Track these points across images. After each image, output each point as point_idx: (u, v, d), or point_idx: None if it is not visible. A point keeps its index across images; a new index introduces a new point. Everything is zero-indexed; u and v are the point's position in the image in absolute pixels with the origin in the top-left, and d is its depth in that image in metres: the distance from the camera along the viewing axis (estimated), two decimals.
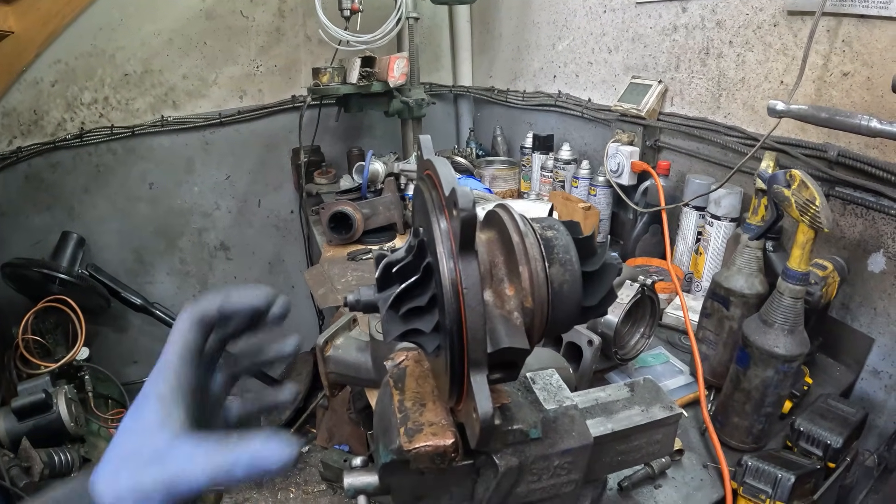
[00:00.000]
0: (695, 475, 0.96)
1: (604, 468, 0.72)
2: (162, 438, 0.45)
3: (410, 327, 0.47)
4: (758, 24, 1.40)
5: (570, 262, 0.48)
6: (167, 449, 0.45)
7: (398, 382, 0.62)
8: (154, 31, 2.39)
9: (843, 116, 1.09)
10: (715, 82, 1.56)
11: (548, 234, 0.49)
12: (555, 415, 0.63)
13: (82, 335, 2.25)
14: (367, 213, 1.89)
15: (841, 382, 1.24)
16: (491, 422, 0.43)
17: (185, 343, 0.50)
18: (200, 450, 0.45)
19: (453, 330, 0.42)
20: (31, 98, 2.30)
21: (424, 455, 0.54)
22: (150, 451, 0.45)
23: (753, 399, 0.95)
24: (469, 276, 0.41)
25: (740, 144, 1.46)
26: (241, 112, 2.66)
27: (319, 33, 2.21)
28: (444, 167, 0.44)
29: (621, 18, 1.88)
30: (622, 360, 1.16)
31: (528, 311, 0.47)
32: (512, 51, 2.58)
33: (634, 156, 1.73)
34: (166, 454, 0.45)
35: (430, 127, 2.93)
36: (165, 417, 0.46)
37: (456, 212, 0.39)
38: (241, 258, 2.92)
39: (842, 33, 1.21)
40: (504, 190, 2.28)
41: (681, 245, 1.59)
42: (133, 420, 0.47)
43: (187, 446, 0.45)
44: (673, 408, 0.72)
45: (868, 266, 1.22)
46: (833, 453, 0.94)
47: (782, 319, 0.90)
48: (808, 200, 0.85)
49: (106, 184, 2.53)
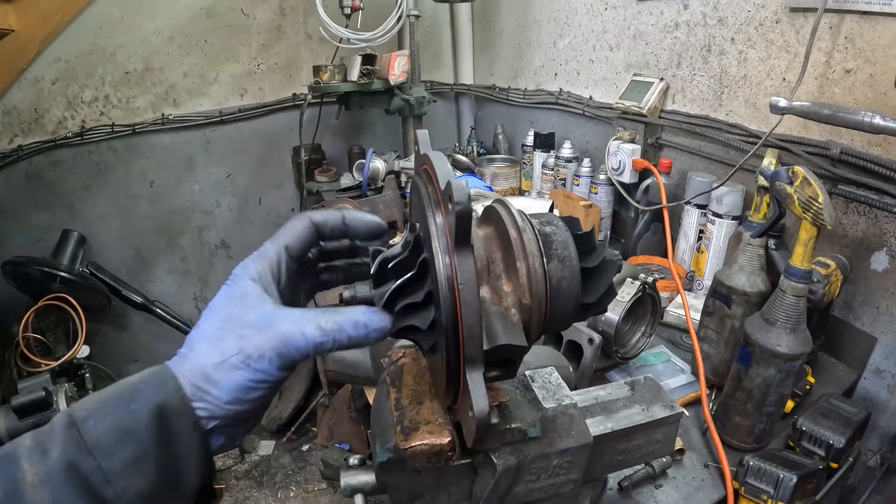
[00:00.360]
0: (696, 475, 0.95)
1: (603, 468, 0.71)
2: (266, 307, 0.46)
3: (406, 324, 0.46)
4: (760, 20, 1.39)
5: (569, 259, 0.47)
6: (274, 314, 0.46)
7: (395, 380, 0.62)
8: (154, 29, 2.38)
9: (845, 113, 1.08)
10: (717, 80, 1.55)
11: (546, 229, 0.48)
12: (554, 413, 0.62)
13: (83, 333, 2.24)
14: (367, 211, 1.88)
15: (843, 382, 1.23)
16: (487, 420, 0.42)
17: (294, 239, 0.51)
18: (310, 314, 0.46)
19: (449, 326, 0.41)
20: (32, 96, 2.29)
21: (421, 454, 0.53)
22: (255, 317, 0.45)
23: (755, 398, 0.94)
24: (465, 271, 0.40)
25: (742, 142, 1.45)
26: (241, 110, 2.65)
27: (320, 31, 2.21)
28: (440, 162, 0.44)
29: (623, 16, 1.87)
30: (623, 358, 1.15)
31: (526, 307, 0.46)
32: (513, 48, 2.57)
33: (636, 154, 1.73)
34: (275, 318, 0.45)
35: (432, 125, 2.93)
36: (263, 293, 0.47)
37: (451, 206, 0.39)
38: (241, 256, 2.79)
39: (844, 30, 1.21)
40: (505, 188, 2.28)
41: (682, 243, 1.58)
42: (227, 296, 0.47)
43: (296, 312, 0.46)
44: (674, 407, 0.72)
45: (871, 265, 1.22)
46: (835, 453, 0.93)
47: (784, 318, 0.89)
48: (810, 197, 0.84)
49: (106, 182, 2.53)
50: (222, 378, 0.43)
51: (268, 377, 0.44)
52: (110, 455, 0.39)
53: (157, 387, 0.42)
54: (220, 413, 0.43)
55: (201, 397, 0.43)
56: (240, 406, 0.44)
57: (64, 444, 0.39)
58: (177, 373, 0.43)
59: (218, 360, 0.43)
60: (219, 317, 0.46)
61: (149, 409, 0.41)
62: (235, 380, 0.43)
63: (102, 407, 0.41)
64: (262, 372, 0.43)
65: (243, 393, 0.43)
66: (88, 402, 0.42)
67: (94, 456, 0.39)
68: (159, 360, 0.46)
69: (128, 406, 0.41)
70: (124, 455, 0.39)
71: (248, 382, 0.43)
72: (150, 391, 0.41)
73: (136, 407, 0.41)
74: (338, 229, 0.54)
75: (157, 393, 0.41)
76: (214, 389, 0.43)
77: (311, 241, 0.53)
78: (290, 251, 0.51)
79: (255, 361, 0.43)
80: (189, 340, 0.46)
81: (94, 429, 0.40)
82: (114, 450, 0.39)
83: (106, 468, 0.39)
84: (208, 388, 0.43)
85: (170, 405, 0.41)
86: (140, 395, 0.41)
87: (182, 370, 0.43)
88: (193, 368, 0.43)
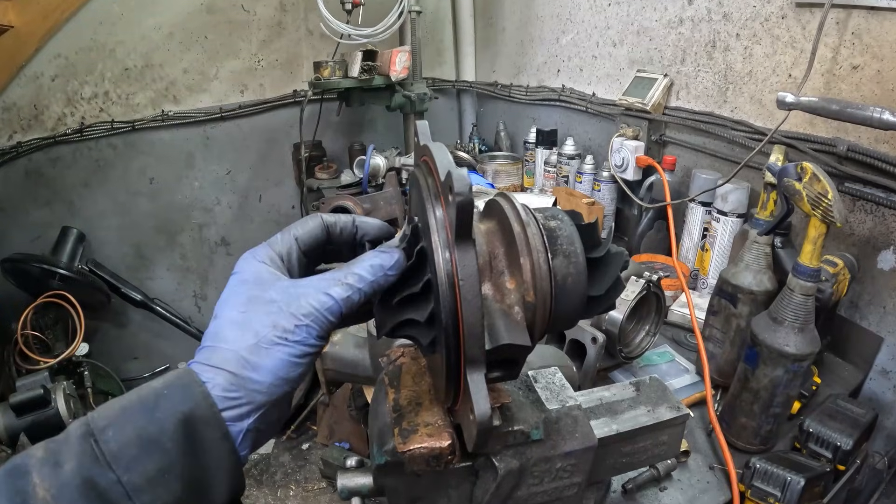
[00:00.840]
0: (701, 477, 0.93)
1: (608, 470, 0.70)
2: (283, 282, 0.45)
3: (404, 317, 0.44)
4: (765, 16, 1.38)
5: (575, 254, 0.46)
6: (296, 286, 0.44)
7: (393, 380, 0.60)
8: (154, 26, 2.37)
9: (854, 108, 1.06)
10: (721, 76, 1.53)
11: (551, 224, 0.47)
12: (557, 415, 0.61)
13: (82, 331, 2.23)
14: (367, 207, 1.87)
15: (849, 382, 1.22)
16: (488, 424, 0.40)
17: (305, 233, 0.51)
18: (327, 276, 0.45)
19: (449, 325, 0.40)
20: (32, 93, 2.28)
21: (419, 457, 0.51)
22: (277, 292, 0.44)
23: (762, 399, 0.93)
24: (466, 266, 0.38)
25: (747, 139, 1.43)
26: (242, 107, 2.64)
27: (321, 27, 2.19)
28: (440, 152, 0.42)
29: (626, 11, 1.85)
30: (627, 358, 1.14)
31: (530, 305, 0.44)
32: (515, 45, 2.55)
33: (639, 150, 1.71)
34: (297, 289, 0.44)
35: (433, 121, 2.89)
36: (276, 271, 0.46)
37: (452, 197, 0.37)
38: (241, 253, 2.88)
39: (851, 25, 1.19)
40: (507, 185, 2.26)
41: (686, 241, 1.56)
42: (240, 281, 0.46)
43: (313, 279, 0.45)
44: (680, 408, 0.70)
45: (878, 263, 1.20)
46: (843, 455, 0.91)
47: (792, 317, 0.87)
48: (820, 194, 0.83)
49: (106, 179, 2.52)
50: (262, 360, 0.41)
51: (309, 349, 0.42)
52: (132, 468, 0.36)
53: (183, 393, 0.39)
54: (264, 400, 0.41)
55: (242, 385, 0.40)
56: (285, 387, 0.42)
57: (79, 457, 0.36)
58: (206, 373, 0.40)
59: (253, 341, 0.41)
60: (240, 300, 0.44)
61: (175, 417, 0.38)
62: (277, 358, 0.41)
63: (124, 415, 0.38)
64: (303, 344, 0.42)
65: (287, 370, 0.41)
66: (108, 411, 0.39)
67: (114, 469, 0.36)
68: (159, 357, 0.45)
69: (152, 414, 0.38)
70: (148, 467, 0.37)
71: (290, 358, 0.41)
72: (176, 398, 0.39)
73: (161, 415, 0.38)
74: (347, 231, 0.53)
75: (183, 400, 0.39)
76: (256, 374, 0.40)
77: (322, 238, 0.52)
78: (301, 243, 0.50)
79: (293, 334, 0.41)
80: (211, 333, 0.43)
81: (115, 439, 0.37)
82: (136, 462, 0.36)
83: (127, 482, 0.36)
84: (248, 373, 0.40)
85: (197, 413, 0.38)
86: (165, 402, 0.38)
87: (214, 362, 0.41)
88: (227, 358, 0.41)
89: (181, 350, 2.74)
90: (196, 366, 0.41)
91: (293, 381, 0.42)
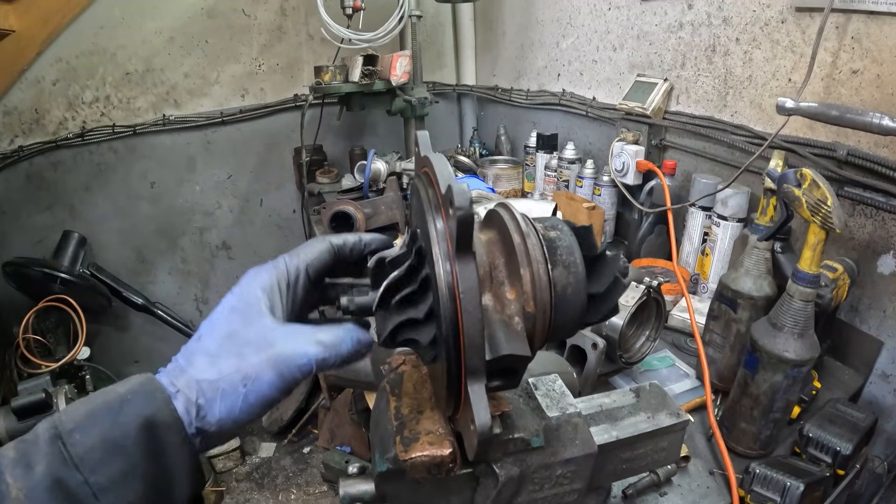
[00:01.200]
0: (701, 482, 0.93)
1: (608, 476, 0.70)
2: (266, 321, 0.46)
3: (405, 318, 0.45)
4: (765, 20, 1.38)
5: (575, 264, 0.46)
6: (274, 332, 0.45)
7: (395, 388, 0.60)
8: (155, 30, 2.38)
9: (853, 114, 1.06)
10: (721, 80, 1.54)
11: (551, 234, 0.47)
12: (557, 422, 0.61)
13: (83, 334, 2.24)
14: (368, 212, 1.87)
15: (849, 386, 1.22)
16: (489, 434, 0.40)
17: (315, 259, 0.51)
18: (308, 331, 0.46)
19: (449, 336, 0.40)
20: (33, 97, 2.29)
21: (421, 465, 0.52)
22: (255, 334, 0.45)
23: (761, 404, 0.93)
24: (466, 279, 0.39)
25: (747, 143, 1.44)
26: (242, 111, 2.65)
27: (322, 31, 2.20)
28: (441, 164, 0.42)
29: (626, 16, 1.85)
30: (627, 363, 1.14)
31: (530, 315, 0.44)
32: (516, 49, 2.56)
33: (640, 155, 1.71)
34: (275, 337, 0.45)
35: (434, 126, 2.91)
36: (268, 305, 0.47)
37: (452, 211, 0.37)
38: (242, 257, 2.91)
39: (851, 30, 1.19)
40: (507, 189, 2.26)
41: (687, 246, 1.57)
42: (231, 308, 0.47)
43: (295, 329, 0.46)
44: (680, 414, 0.70)
45: (878, 268, 1.20)
46: (843, 460, 0.91)
47: (792, 323, 0.88)
48: (819, 200, 0.83)
49: (107, 183, 2.52)
50: (216, 398, 0.43)
51: (264, 398, 0.44)
52: (97, 470, 0.39)
53: (146, 399, 0.41)
54: (212, 430, 0.43)
55: (196, 413, 0.42)
56: (231, 426, 0.43)
57: (49, 458, 0.39)
58: (171, 385, 0.43)
59: (215, 377, 0.43)
60: (221, 332, 0.46)
61: (137, 422, 0.40)
62: (230, 401, 0.43)
63: (89, 418, 0.40)
64: (258, 393, 0.43)
65: (238, 414, 0.43)
66: (74, 413, 0.41)
67: (81, 471, 0.38)
68: (160, 361, 0.47)
69: (115, 418, 0.40)
70: (112, 469, 0.39)
71: (243, 404, 0.43)
72: (139, 403, 0.41)
73: (124, 420, 0.40)
74: (356, 250, 0.54)
75: (145, 405, 0.41)
76: (208, 407, 0.42)
77: (330, 263, 0.53)
78: (310, 271, 0.51)
79: (253, 383, 0.43)
80: (188, 351, 0.46)
81: (81, 442, 0.39)
82: (101, 464, 0.39)
83: (93, 483, 0.38)
84: (203, 404, 0.42)
85: (158, 418, 0.41)
86: (128, 408, 0.41)
87: (179, 383, 0.43)
88: (189, 383, 0.43)
89: None
90: (163, 379, 0.44)
91: (243, 422, 0.44)
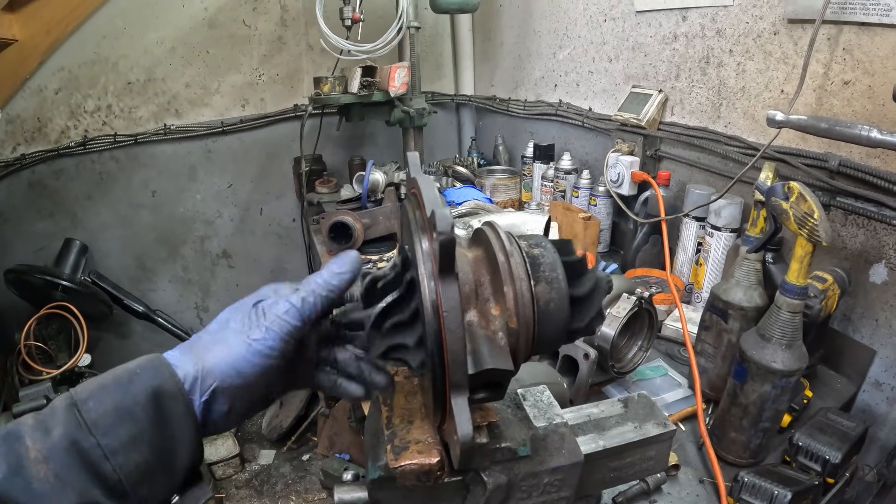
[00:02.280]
0: (690, 490, 0.94)
1: (596, 485, 0.71)
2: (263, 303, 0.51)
3: (395, 342, 0.47)
4: (758, 32, 1.40)
5: (557, 280, 0.48)
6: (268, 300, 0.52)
7: (387, 398, 0.62)
8: (157, 40, 2.40)
9: (842, 126, 1.08)
10: (715, 91, 1.56)
11: (534, 251, 0.49)
12: (545, 432, 0.63)
13: (84, 341, 2.25)
14: (367, 222, 1.88)
15: (842, 395, 1.23)
16: (471, 444, 0.42)
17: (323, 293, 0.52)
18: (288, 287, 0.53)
19: (434, 352, 0.42)
20: (35, 105, 2.31)
21: (410, 473, 0.53)
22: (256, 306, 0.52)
23: (751, 414, 0.94)
24: (449, 298, 0.41)
25: (741, 154, 1.45)
26: (243, 121, 2.67)
27: (321, 42, 2.21)
28: (428, 187, 0.44)
29: (622, 27, 1.88)
30: (619, 373, 1.15)
31: (513, 331, 0.46)
32: (513, 59, 2.58)
33: (635, 166, 1.73)
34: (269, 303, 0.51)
35: (433, 135, 2.93)
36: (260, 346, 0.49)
37: (435, 235, 0.39)
38: (243, 266, 2.93)
39: (843, 41, 1.20)
40: (505, 199, 2.28)
41: (681, 256, 1.58)
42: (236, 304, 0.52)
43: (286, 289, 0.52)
44: (667, 424, 0.72)
45: (870, 277, 1.21)
46: (832, 468, 0.92)
47: (780, 334, 0.89)
48: (806, 213, 0.84)
49: (109, 191, 2.54)
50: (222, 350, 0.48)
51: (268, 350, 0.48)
52: (109, 433, 0.42)
53: (154, 372, 0.46)
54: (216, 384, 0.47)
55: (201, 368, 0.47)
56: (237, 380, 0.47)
57: (66, 423, 0.42)
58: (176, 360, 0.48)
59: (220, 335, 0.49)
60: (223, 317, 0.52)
61: (146, 392, 0.44)
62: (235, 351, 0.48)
63: (102, 389, 0.45)
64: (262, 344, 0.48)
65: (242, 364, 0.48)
66: (88, 386, 0.45)
67: (94, 434, 0.42)
68: None
69: (126, 389, 0.44)
70: (122, 433, 0.43)
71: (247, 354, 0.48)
72: (148, 376, 0.45)
73: (134, 390, 0.44)
74: None
75: (153, 378, 0.45)
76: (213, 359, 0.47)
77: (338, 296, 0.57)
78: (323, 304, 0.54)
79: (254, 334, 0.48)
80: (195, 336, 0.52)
81: (95, 409, 0.43)
82: (112, 429, 0.43)
83: (105, 445, 0.42)
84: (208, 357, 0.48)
85: (165, 388, 0.45)
86: (137, 380, 0.45)
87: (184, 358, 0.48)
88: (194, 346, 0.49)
89: None
90: (169, 353, 0.48)
91: (248, 376, 0.48)
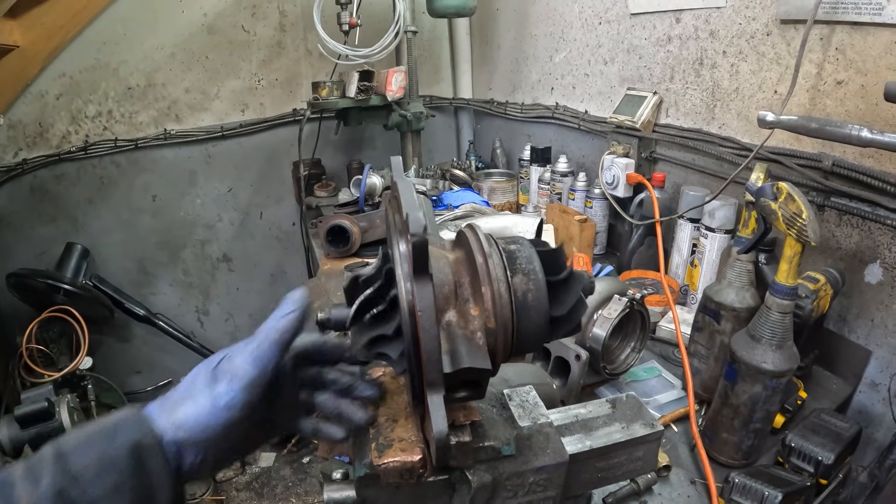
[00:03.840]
0: (682, 491, 0.94)
1: (584, 485, 0.71)
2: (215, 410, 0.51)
3: (376, 333, 0.47)
4: (751, 33, 1.40)
5: (534, 272, 0.48)
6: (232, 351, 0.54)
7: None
8: (157, 46, 2.43)
9: (833, 126, 1.08)
10: (709, 93, 1.56)
11: (511, 247, 0.49)
12: (529, 432, 0.63)
13: (85, 345, 2.27)
14: (364, 226, 1.89)
15: (838, 395, 1.23)
16: (445, 441, 0.43)
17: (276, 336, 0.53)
18: None
19: (411, 351, 0.42)
20: (37, 111, 2.34)
21: (393, 470, 0.54)
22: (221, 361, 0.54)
23: (742, 415, 0.94)
24: (423, 298, 0.41)
25: (735, 155, 1.46)
26: (242, 125, 2.69)
27: (319, 47, 2.23)
28: (406, 191, 0.45)
29: (616, 30, 1.88)
30: (611, 374, 1.15)
31: (492, 331, 0.47)
32: (510, 63, 2.59)
33: (630, 168, 1.73)
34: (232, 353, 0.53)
35: (431, 139, 2.94)
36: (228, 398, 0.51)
37: (409, 237, 0.40)
38: (243, 270, 2.94)
39: (835, 41, 1.20)
40: (502, 202, 2.28)
41: (676, 257, 1.58)
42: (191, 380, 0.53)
43: None
44: (654, 425, 0.72)
45: (865, 277, 1.21)
46: (825, 469, 0.92)
47: (770, 334, 0.89)
48: (794, 214, 0.84)
49: (110, 196, 2.56)
50: (188, 405, 0.50)
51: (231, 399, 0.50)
52: (94, 483, 0.45)
53: (135, 427, 0.48)
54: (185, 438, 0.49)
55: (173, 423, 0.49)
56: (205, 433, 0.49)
57: (53, 474, 0.45)
58: (154, 414, 0.50)
59: (189, 391, 0.51)
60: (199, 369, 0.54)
61: (127, 445, 0.47)
62: (200, 404, 0.50)
63: (87, 441, 0.47)
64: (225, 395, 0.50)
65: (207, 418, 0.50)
66: (74, 436, 0.48)
67: (80, 483, 0.44)
68: (161, 372, 0.55)
69: (110, 442, 0.47)
70: (106, 483, 0.45)
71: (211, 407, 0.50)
72: (129, 430, 0.48)
73: (116, 443, 0.47)
74: None
75: (135, 432, 0.48)
76: (182, 415, 0.50)
77: None
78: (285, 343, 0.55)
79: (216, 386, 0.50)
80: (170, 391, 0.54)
81: (80, 460, 0.45)
82: (97, 478, 0.45)
83: (90, 494, 0.44)
84: (177, 413, 0.50)
85: (144, 442, 0.47)
86: (120, 433, 0.47)
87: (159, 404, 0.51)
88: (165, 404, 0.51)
89: (183, 364, 2.76)
90: (149, 408, 0.51)
91: (215, 428, 0.50)
